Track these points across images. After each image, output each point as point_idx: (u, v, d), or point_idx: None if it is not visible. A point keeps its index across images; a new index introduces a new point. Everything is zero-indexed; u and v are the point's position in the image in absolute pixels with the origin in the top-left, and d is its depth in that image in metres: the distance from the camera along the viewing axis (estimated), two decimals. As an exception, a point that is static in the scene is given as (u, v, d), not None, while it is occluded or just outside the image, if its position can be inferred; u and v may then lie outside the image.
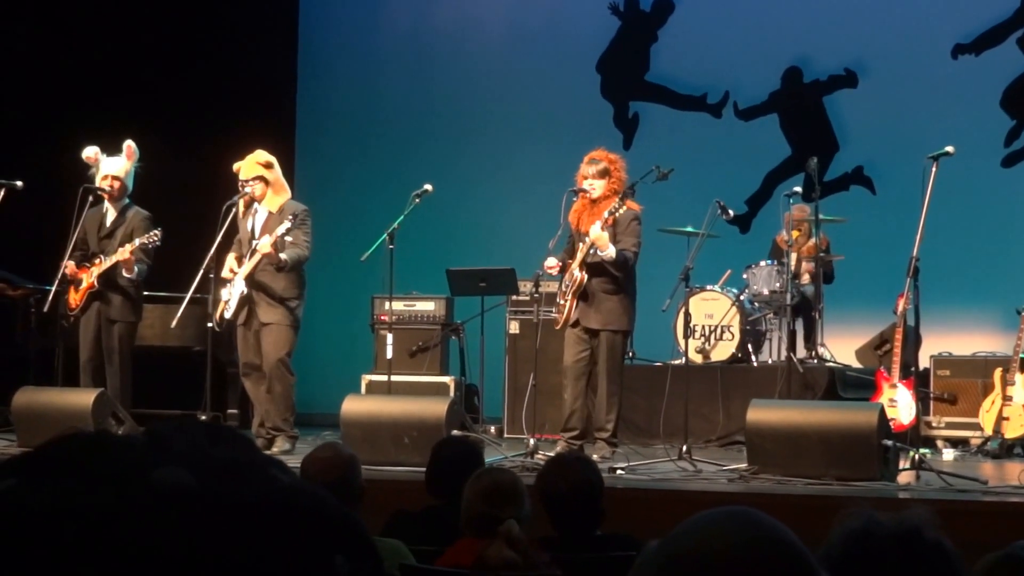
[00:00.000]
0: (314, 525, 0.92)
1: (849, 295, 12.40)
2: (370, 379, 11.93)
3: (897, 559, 1.97)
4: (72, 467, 0.92)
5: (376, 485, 5.73)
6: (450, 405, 9.41)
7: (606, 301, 9.67)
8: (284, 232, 9.88)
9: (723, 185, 12.58)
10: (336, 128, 15.28)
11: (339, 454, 5.33)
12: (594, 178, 9.68)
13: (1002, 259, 13.12)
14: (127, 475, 0.90)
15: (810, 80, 14.21)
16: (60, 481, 0.91)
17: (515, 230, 13.57)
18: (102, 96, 14.21)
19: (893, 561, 1.97)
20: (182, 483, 0.90)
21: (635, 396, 10.95)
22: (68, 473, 0.91)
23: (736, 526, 1.36)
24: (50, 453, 0.93)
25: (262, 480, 0.93)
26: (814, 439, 8.36)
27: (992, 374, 10.83)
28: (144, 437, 0.95)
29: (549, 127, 14.44)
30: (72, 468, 0.92)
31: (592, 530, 5.17)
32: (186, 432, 0.95)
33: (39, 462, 0.93)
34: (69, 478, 0.91)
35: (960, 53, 13.70)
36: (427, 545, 4.97)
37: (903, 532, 2.00)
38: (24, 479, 0.92)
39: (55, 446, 0.94)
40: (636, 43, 14.78)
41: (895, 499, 7.66)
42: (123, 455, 0.92)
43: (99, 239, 10.56)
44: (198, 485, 0.90)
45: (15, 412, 10.08)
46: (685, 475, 8.79)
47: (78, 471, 0.91)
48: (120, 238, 10.48)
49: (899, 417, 10.04)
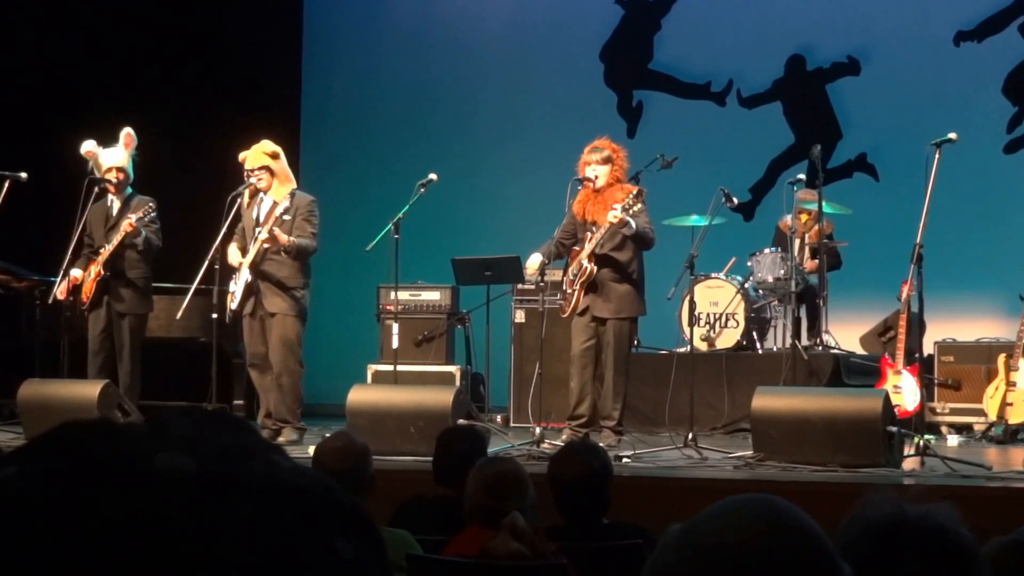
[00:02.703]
0: (315, 509, 0.93)
1: (853, 282, 12.39)
2: (376, 369, 11.93)
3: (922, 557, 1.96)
4: (73, 454, 0.92)
5: (383, 475, 5.73)
6: (456, 394, 9.42)
7: (615, 290, 9.67)
8: (282, 213, 9.84)
9: (727, 173, 12.58)
10: (340, 117, 15.28)
11: (352, 444, 5.34)
12: (598, 164, 9.67)
13: (1005, 245, 13.11)
14: (129, 462, 0.91)
15: (813, 68, 14.19)
16: (61, 469, 0.91)
17: (519, 218, 13.56)
18: (105, 87, 14.20)
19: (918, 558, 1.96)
20: (183, 469, 0.90)
21: (641, 384, 10.96)
22: (69, 461, 0.92)
23: (758, 515, 1.37)
24: (51, 441, 0.94)
25: (263, 465, 0.93)
26: (819, 426, 8.37)
27: (996, 360, 10.82)
28: (145, 424, 0.96)
29: (553, 116, 14.43)
30: (73, 455, 0.92)
31: (599, 518, 5.18)
32: (187, 419, 0.95)
33: (40, 450, 0.94)
34: (70, 466, 0.91)
35: (962, 40, 13.68)
36: (434, 535, 4.98)
37: (929, 529, 1.99)
38: (25, 467, 0.92)
39: (56, 434, 0.94)
40: (640, 31, 14.77)
41: (900, 485, 7.66)
42: (124, 442, 0.93)
43: (105, 231, 10.57)
44: (199, 470, 0.91)
45: (21, 404, 10.08)
46: (691, 463, 8.80)
47: (79, 458, 0.91)
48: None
49: (903, 403, 10.04)
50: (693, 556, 1.35)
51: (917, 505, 2.05)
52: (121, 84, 14.27)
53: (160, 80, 14.47)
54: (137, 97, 13.97)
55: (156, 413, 0.97)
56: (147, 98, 14.00)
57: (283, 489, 0.91)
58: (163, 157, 10.77)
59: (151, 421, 0.95)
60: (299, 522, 0.91)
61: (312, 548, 0.91)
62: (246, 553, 0.88)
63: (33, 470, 0.92)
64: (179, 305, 10.73)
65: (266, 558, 0.88)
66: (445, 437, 6.13)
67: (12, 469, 0.92)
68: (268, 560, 0.89)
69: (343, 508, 0.94)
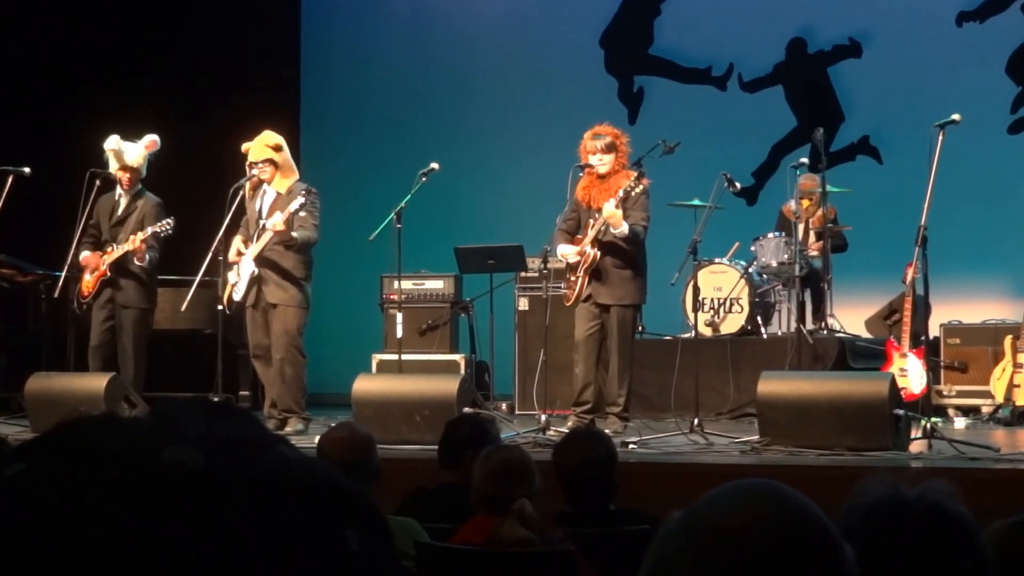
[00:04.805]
0: (324, 500, 0.93)
1: (858, 265, 12.38)
2: (380, 358, 11.94)
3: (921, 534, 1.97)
4: (80, 450, 0.92)
5: (389, 464, 5.73)
6: (461, 383, 9.42)
7: (618, 276, 9.66)
8: (297, 208, 9.87)
9: (729, 158, 12.55)
10: (340, 106, 15.27)
11: (356, 434, 5.34)
12: (602, 152, 9.66)
13: (1010, 226, 13.09)
14: (135, 456, 0.91)
15: (815, 51, 14.17)
16: (69, 464, 0.91)
17: (521, 206, 13.56)
18: (107, 79, 14.20)
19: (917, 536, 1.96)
20: (190, 462, 0.90)
21: (645, 370, 10.95)
22: (76, 456, 0.92)
23: (760, 499, 1.37)
24: (58, 437, 0.94)
25: (270, 457, 0.93)
26: (825, 410, 8.36)
27: (1002, 341, 10.82)
28: (151, 418, 0.96)
29: (554, 103, 14.41)
30: (80, 451, 0.92)
31: (606, 504, 5.19)
32: (193, 411, 0.95)
33: (48, 446, 0.94)
34: (77, 461, 0.91)
35: (964, 20, 13.65)
36: (441, 523, 4.98)
37: (927, 507, 1.99)
38: (33, 463, 0.92)
39: (63, 430, 0.94)
40: (640, 17, 14.74)
41: (907, 468, 7.66)
42: (130, 436, 0.93)
43: (111, 226, 10.57)
44: (206, 464, 0.91)
45: (28, 398, 10.09)
46: (697, 448, 8.79)
47: (86, 454, 0.92)
48: (132, 225, 10.49)
49: (910, 386, 10.05)
50: (695, 541, 1.35)
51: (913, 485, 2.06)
52: (121, 76, 14.26)
53: (160, 71, 14.46)
54: (137, 88, 13.97)
55: (162, 405, 0.97)
56: (147, 89, 13.99)
57: (291, 481, 0.92)
58: (162, 147, 10.74)
59: (157, 415, 0.95)
60: (308, 514, 0.91)
61: (321, 539, 0.91)
62: (255, 546, 0.88)
63: (42, 466, 0.92)
64: (184, 297, 10.74)
65: (275, 550, 0.88)
66: (452, 426, 6.13)
67: (20, 466, 0.93)
68: (277, 552, 0.89)
69: (351, 498, 0.94)
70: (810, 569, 1.36)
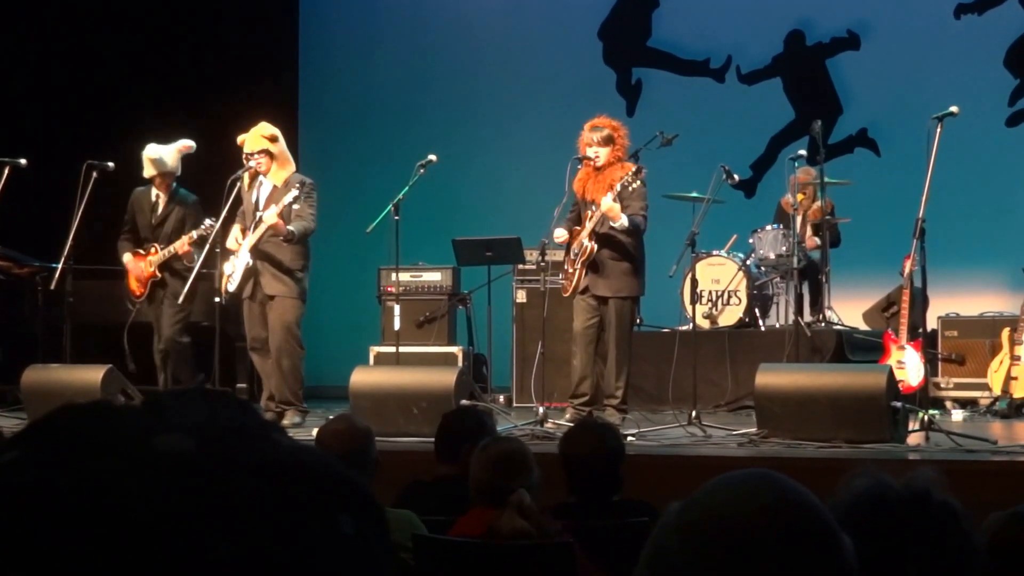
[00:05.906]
0: (317, 486, 0.92)
1: (855, 258, 12.38)
2: (378, 351, 11.94)
3: (907, 522, 1.97)
4: (73, 437, 0.92)
5: (386, 456, 5.73)
6: (459, 375, 9.42)
7: (615, 269, 9.66)
8: (291, 201, 9.87)
9: (727, 150, 12.54)
10: (339, 99, 15.26)
11: (354, 426, 5.34)
12: (599, 145, 9.65)
13: (1008, 218, 13.09)
14: (128, 443, 0.90)
15: (813, 43, 14.16)
16: (61, 452, 0.91)
17: (519, 199, 13.55)
18: (104, 72, 14.19)
19: (904, 524, 1.97)
20: (183, 449, 0.90)
21: (643, 363, 10.95)
22: (69, 443, 0.91)
23: (757, 489, 1.37)
24: (50, 424, 0.93)
25: (263, 444, 0.93)
26: (823, 402, 8.37)
27: (1000, 334, 10.83)
28: (143, 405, 0.95)
29: (552, 95, 14.40)
30: (73, 438, 0.91)
31: (610, 496, 5.19)
32: (186, 399, 0.95)
33: (40, 434, 0.93)
34: (70, 448, 0.91)
35: (963, 12, 13.64)
36: (439, 515, 4.98)
37: (912, 495, 2.00)
38: (26, 451, 0.92)
39: (55, 417, 0.94)
40: (638, 9, 14.74)
41: (905, 460, 7.67)
42: (123, 423, 0.92)
43: (152, 227, 10.67)
44: (199, 450, 0.90)
45: (24, 390, 10.10)
46: (695, 440, 8.80)
47: (79, 441, 0.91)
48: (172, 224, 10.65)
49: (907, 379, 10.05)
50: (694, 532, 1.35)
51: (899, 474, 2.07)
52: (118, 69, 14.25)
53: (158, 63, 14.44)
54: (135, 81, 13.96)
55: (154, 393, 0.96)
56: (145, 81, 13.99)
57: (284, 466, 0.91)
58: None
59: (149, 402, 0.95)
60: (301, 499, 0.90)
61: (315, 524, 0.90)
62: (248, 531, 0.88)
63: (35, 454, 0.91)
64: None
65: (269, 536, 0.88)
66: (449, 419, 6.13)
67: (13, 454, 0.92)
68: (271, 537, 0.88)
69: (344, 484, 0.93)
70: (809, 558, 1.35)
